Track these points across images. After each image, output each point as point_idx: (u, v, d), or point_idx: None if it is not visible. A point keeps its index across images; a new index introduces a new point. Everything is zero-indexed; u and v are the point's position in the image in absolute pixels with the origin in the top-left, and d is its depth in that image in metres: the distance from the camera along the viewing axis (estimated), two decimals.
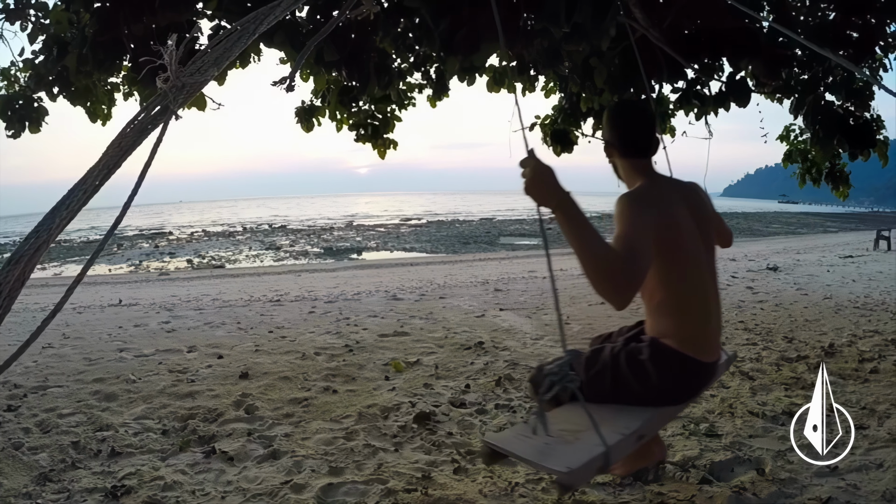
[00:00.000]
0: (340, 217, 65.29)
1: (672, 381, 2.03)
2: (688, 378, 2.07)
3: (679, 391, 2.10)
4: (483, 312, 7.10)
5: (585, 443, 1.73)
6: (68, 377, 4.47)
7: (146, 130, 1.27)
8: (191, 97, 1.31)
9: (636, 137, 2.14)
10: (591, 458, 1.67)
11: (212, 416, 3.64)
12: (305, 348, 5.31)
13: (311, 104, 6.48)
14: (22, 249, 1.12)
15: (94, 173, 1.21)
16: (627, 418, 1.92)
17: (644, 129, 2.16)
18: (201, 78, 1.31)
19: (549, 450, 1.74)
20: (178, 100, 1.28)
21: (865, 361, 4.57)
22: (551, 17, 3.63)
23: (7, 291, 1.10)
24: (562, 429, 1.85)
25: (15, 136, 5.19)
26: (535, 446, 1.77)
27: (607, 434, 1.74)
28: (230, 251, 28.92)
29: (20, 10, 4.88)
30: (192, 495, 2.66)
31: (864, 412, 3.49)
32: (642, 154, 2.15)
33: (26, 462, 2.97)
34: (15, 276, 1.11)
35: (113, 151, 1.23)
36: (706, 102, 5.49)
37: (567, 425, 1.86)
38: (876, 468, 2.78)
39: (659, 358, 2.01)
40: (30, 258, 1.12)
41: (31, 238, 1.14)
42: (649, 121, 2.20)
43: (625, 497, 2.61)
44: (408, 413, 3.62)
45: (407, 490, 2.67)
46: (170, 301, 8.89)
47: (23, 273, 1.12)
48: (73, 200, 1.18)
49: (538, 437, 1.79)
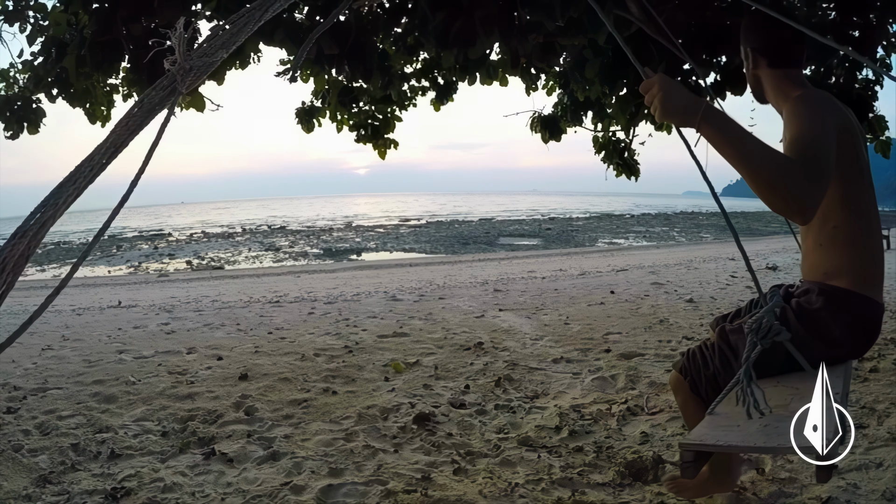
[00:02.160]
0: (340, 218, 65.23)
1: (857, 331, 1.76)
2: (873, 324, 1.80)
3: (864, 341, 1.84)
4: (482, 313, 7.09)
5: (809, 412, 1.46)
6: (68, 379, 4.46)
7: (154, 110, 1.28)
8: (198, 79, 1.32)
9: (793, 41, 1.84)
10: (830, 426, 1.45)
11: (211, 417, 3.63)
12: (305, 349, 5.30)
13: (311, 105, 6.49)
14: (27, 225, 1.12)
15: (102, 151, 1.21)
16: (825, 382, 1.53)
17: (798, 33, 1.84)
18: (210, 59, 1.32)
19: (772, 430, 1.49)
20: (185, 81, 1.29)
21: (865, 360, 4.56)
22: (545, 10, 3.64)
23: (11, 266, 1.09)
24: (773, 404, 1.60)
25: (13, 137, 5.19)
26: (754, 430, 1.52)
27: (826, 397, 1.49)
28: (229, 252, 28.89)
29: (19, 11, 4.88)
30: (192, 497, 2.66)
31: (864, 411, 3.49)
32: (796, 64, 1.86)
33: (26, 464, 2.97)
34: (19, 251, 1.10)
35: (120, 130, 1.24)
36: (702, 94, 5.50)
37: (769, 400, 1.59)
38: (876, 467, 2.78)
39: (837, 304, 1.73)
40: (35, 234, 1.12)
41: (36, 213, 1.14)
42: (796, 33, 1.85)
43: (625, 497, 2.61)
44: (407, 414, 3.62)
45: (407, 491, 2.67)
46: (169, 302, 8.89)
47: (27, 249, 1.11)
48: (80, 177, 1.18)
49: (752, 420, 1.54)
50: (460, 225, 47.27)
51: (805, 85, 1.85)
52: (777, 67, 1.86)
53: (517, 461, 2.98)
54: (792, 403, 1.54)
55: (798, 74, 1.88)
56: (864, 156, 1.77)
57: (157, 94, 1.28)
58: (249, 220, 64.40)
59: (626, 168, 7.86)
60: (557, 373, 4.50)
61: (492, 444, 3.19)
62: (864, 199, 1.77)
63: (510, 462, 2.97)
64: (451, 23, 3.79)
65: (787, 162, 1.37)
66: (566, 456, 3.03)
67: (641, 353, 4.93)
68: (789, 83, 1.84)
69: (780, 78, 1.86)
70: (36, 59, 4.83)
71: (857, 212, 1.75)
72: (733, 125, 1.41)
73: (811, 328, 1.75)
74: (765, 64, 1.89)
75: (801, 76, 1.89)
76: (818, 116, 1.60)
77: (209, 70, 1.34)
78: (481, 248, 28.32)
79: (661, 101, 1.45)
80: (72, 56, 4.46)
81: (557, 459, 2.99)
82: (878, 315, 1.80)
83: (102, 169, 1.21)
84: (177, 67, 1.28)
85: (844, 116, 1.73)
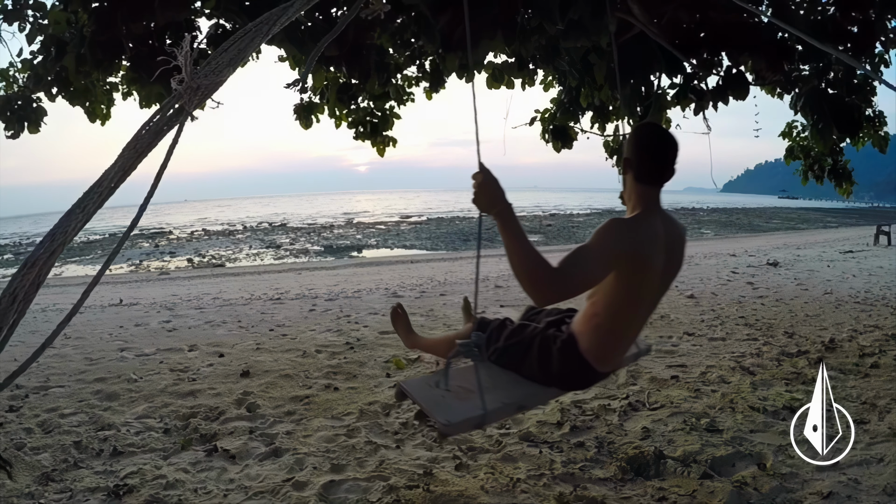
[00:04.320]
0: (340, 215, 65.21)
1: (568, 377, 2.27)
2: (582, 379, 2.31)
3: (570, 385, 2.37)
4: (484, 309, 7.09)
5: (471, 403, 2.06)
6: (70, 377, 4.47)
7: (161, 132, 1.27)
8: (206, 98, 1.31)
9: (659, 167, 2.12)
10: (469, 417, 2.02)
11: (213, 414, 3.64)
12: (306, 346, 5.31)
13: (309, 101, 6.48)
14: (37, 253, 1.12)
15: (110, 176, 1.20)
16: (517, 390, 2.24)
17: (668, 161, 2.12)
18: (217, 79, 1.31)
19: (442, 402, 2.11)
20: (193, 101, 1.28)
21: (866, 356, 4.57)
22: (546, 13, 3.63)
23: (22, 296, 1.10)
24: (460, 385, 2.19)
25: (14, 136, 5.18)
26: (434, 397, 2.15)
27: (492, 400, 2.07)
28: (230, 250, 28.90)
29: (18, 10, 4.88)
30: (195, 494, 2.67)
31: (865, 407, 3.50)
32: (655, 183, 2.13)
33: (28, 462, 2.98)
34: (30, 280, 1.11)
35: (128, 153, 1.23)
36: (703, 97, 5.49)
37: (466, 383, 2.19)
38: (877, 463, 2.79)
39: (566, 356, 2.21)
40: (45, 262, 1.12)
41: (45, 242, 1.14)
42: (675, 153, 2.14)
43: (626, 492, 2.62)
44: (409, 410, 3.62)
45: (409, 487, 2.68)
46: (170, 300, 8.90)
47: (37, 277, 1.12)
48: (89, 203, 1.18)
49: (440, 388, 2.18)
50: (461, 221, 47.21)
51: (650, 206, 2.12)
52: (639, 182, 2.14)
53: (519, 456, 2.98)
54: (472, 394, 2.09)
55: (653, 194, 2.14)
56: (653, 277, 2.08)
57: (165, 114, 1.28)
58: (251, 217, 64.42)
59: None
60: None
61: (493, 439, 3.20)
62: (633, 314, 2.16)
63: (512, 457, 2.98)
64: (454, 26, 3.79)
65: (542, 266, 1.74)
66: (568, 451, 3.04)
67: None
68: (640, 199, 2.14)
69: (638, 191, 2.14)
70: (35, 58, 4.82)
71: (620, 320, 2.13)
72: (517, 227, 1.79)
73: (542, 358, 2.26)
74: (632, 175, 2.16)
75: (655, 195, 2.14)
76: (608, 243, 1.93)
77: (217, 89, 1.33)
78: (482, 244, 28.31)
79: (478, 191, 1.81)
80: (71, 55, 4.45)
81: (559, 455, 2.99)
82: (592, 377, 2.30)
83: (111, 193, 1.21)
84: (184, 87, 1.27)
85: (644, 248, 2.01)
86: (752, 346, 5.00)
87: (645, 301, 2.16)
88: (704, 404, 3.61)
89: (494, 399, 2.10)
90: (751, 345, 5.06)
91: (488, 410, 2.03)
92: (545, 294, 1.78)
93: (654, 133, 2.19)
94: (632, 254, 1.97)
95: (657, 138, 2.15)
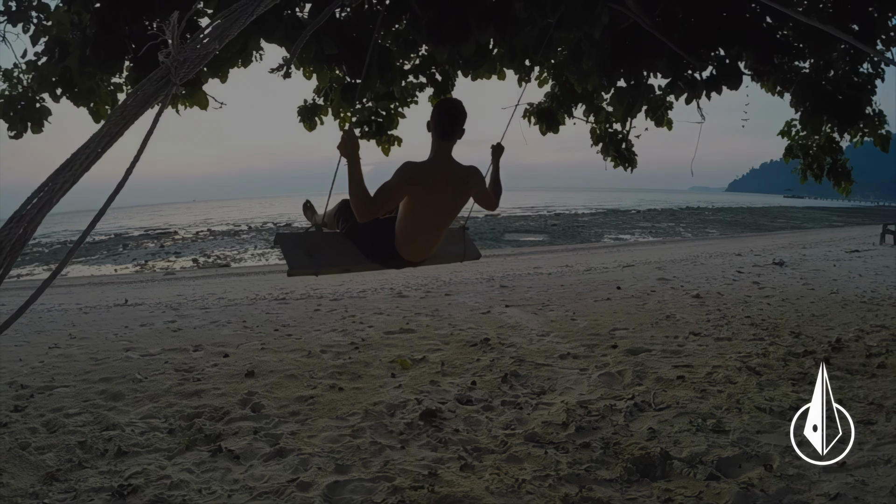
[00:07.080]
0: None
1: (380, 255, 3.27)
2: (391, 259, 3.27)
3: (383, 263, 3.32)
4: (489, 309, 7.09)
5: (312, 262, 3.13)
6: (75, 377, 4.48)
7: (148, 101, 1.30)
8: (192, 71, 1.33)
9: (447, 127, 3.01)
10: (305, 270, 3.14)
11: (218, 414, 3.64)
12: (311, 346, 5.31)
13: (313, 102, 6.48)
14: (23, 209, 1.14)
15: (97, 139, 1.22)
16: (348, 257, 3.26)
17: (452, 122, 3.01)
18: (203, 51, 1.33)
19: (297, 256, 3.10)
20: (179, 72, 1.31)
21: (873, 356, 4.54)
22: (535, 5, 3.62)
23: (8, 249, 1.11)
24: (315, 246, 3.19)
25: (17, 136, 5.20)
26: (295, 251, 3.13)
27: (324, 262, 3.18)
28: (235, 250, 28.97)
29: (22, 11, 4.89)
30: (199, 494, 2.66)
31: (872, 407, 3.47)
32: (444, 138, 3.03)
33: (33, 462, 2.98)
34: (17, 234, 1.12)
35: (115, 119, 1.26)
36: (696, 87, 5.47)
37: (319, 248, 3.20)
38: (884, 464, 2.77)
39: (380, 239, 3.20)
40: (32, 218, 1.14)
41: (32, 199, 1.16)
42: (458, 116, 3.02)
43: (632, 493, 2.60)
44: (414, 410, 3.62)
45: (413, 487, 2.67)
46: (175, 300, 8.91)
47: (24, 233, 1.13)
48: (76, 164, 1.19)
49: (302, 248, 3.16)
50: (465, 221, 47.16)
51: (439, 155, 3.05)
52: (434, 137, 3.04)
53: (524, 457, 2.97)
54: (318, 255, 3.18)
55: (443, 146, 3.05)
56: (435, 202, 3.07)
57: (152, 85, 1.29)
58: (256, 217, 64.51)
59: (623, 159, 7.86)
60: (564, 369, 4.49)
61: (499, 440, 3.19)
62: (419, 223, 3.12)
63: (517, 458, 2.97)
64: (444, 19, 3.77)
65: (365, 198, 2.88)
66: (573, 452, 3.02)
67: (648, 349, 4.92)
68: (433, 149, 3.06)
69: (434, 144, 3.06)
70: (39, 59, 4.83)
71: (409, 225, 3.11)
72: (359, 172, 2.87)
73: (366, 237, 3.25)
74: (431, 132, 3.05)
75: (445, 147, 3.05)
76: (399, 179, 2.92)
77: (203, 62, 1.35)
78: (487, 244, 28.27)
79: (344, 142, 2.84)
80: (75, 55, 4.46)
81: (564, 455, 2.98)
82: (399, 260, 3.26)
83: (98, 157, 1.22)
84: (171, 59, 1.29)
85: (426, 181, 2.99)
86: (759, 346, 4.97)
87: (429, 213, 3.09)
88: (710, 405, 3.59)
89: (327, 262, 3.19)
90: (757, 345, 5.03)
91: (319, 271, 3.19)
92: (365, 215, 2.91)
93: (446, 103, 3.17)
94: (415, 184, 2.96)
95: (447, 107, 3.09)
